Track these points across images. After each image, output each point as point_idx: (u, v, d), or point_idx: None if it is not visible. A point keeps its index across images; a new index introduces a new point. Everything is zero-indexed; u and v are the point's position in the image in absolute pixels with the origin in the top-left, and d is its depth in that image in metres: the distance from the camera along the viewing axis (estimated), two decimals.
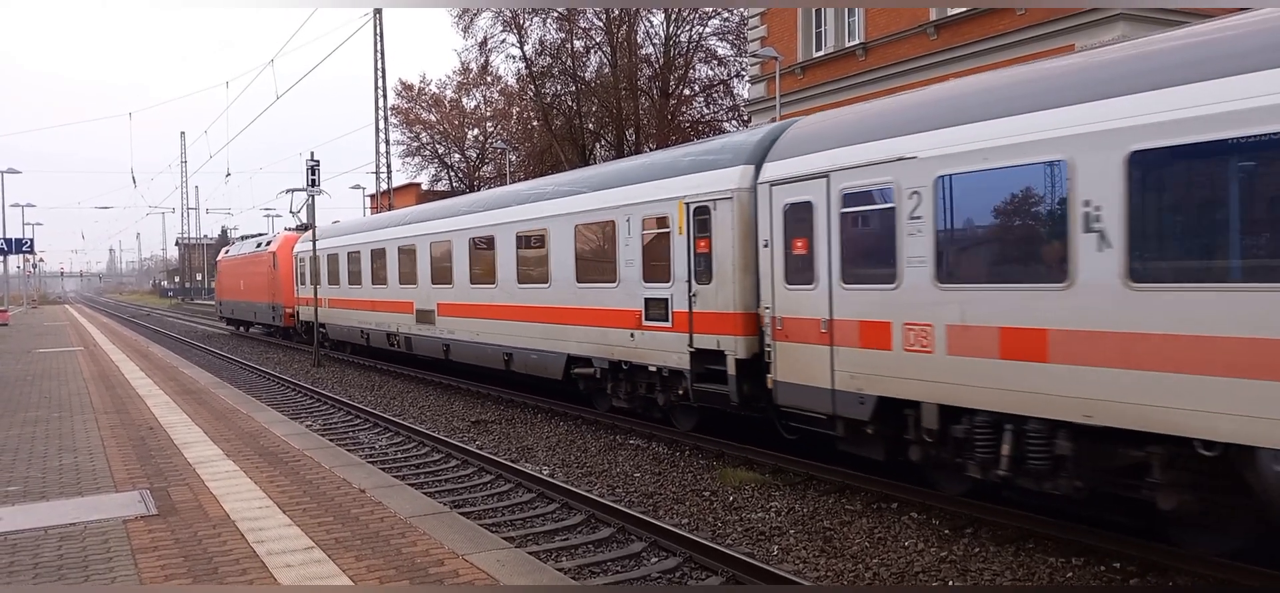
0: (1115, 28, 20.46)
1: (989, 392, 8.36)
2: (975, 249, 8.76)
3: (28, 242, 44.40)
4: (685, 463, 12.15)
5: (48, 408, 14.19)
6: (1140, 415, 7.18)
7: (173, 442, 11.02)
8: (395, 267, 23.06)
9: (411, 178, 62.73)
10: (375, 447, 14.15)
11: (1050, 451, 7.95)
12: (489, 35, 49.85)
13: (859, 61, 27.26)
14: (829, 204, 10.09)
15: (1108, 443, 7.57)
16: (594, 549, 8.81)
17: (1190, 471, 7.17)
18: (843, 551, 8.49)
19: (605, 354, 14.61)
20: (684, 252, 12.66)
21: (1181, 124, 6.83)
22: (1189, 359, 6.84)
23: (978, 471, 8.68)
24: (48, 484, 8.85)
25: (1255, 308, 6.45)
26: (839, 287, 10.03)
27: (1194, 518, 7.50)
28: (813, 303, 10.38)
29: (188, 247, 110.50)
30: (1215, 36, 7.09)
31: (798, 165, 10.62)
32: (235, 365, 27.32)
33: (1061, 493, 8.07)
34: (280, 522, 7.28)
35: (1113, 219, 7.28)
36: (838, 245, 10.02)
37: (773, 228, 10.97)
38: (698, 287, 12.45)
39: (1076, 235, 7.56)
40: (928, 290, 8.91)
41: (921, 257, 8.95)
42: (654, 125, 47.42)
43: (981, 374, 8.41)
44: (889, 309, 9.35)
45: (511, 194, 18.90)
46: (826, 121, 11.12)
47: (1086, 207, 7.47)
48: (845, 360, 9.95)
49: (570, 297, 15.49)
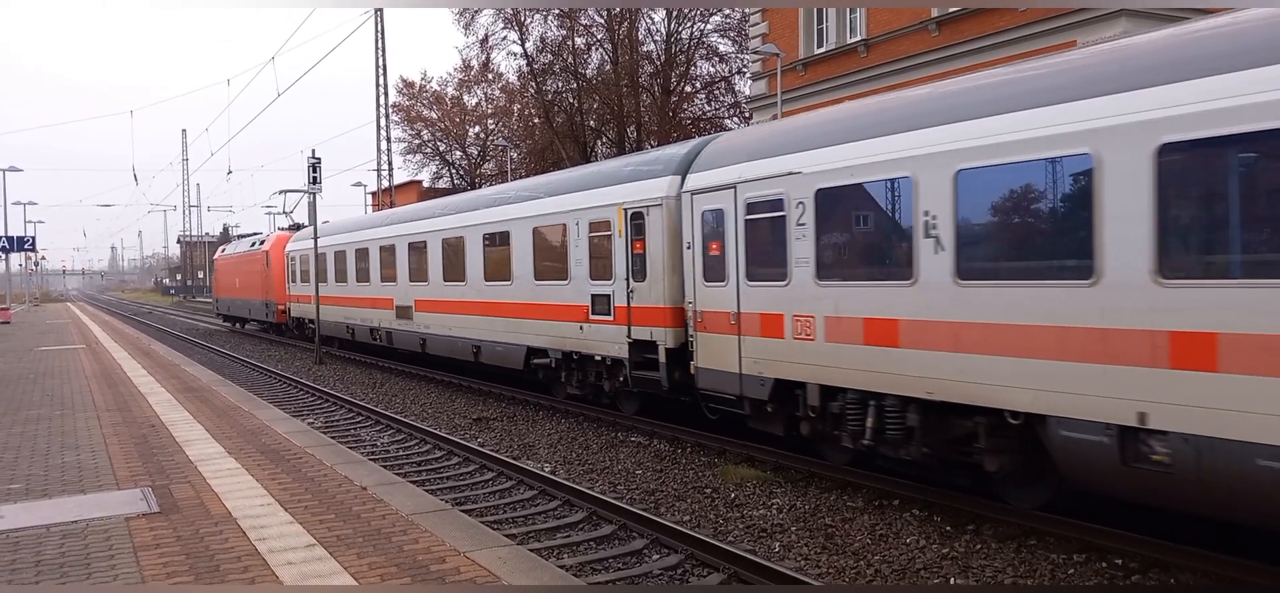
0: (1117, 23, 20.43)
1: (856, 373, 9.82)
2: (845, 251, 10.14)
3: (30, 240, 44.38)
4: (687, 460, 12.15)
5: (50, 406, 14.21)
6: (966, 391, 8.61)
7: (175, 439, 11.03)
8: (377, 266, 24.46)
9: (413, 175, 62.80)
10: (377, 444, 14.16)
11: (903, 423, 9.33)
12: (490, 32, 49.82)
13: (860, 58, 27.23)
14: (736, 211, 11.50)
15: (946, 416, 8.96)
16: (595, 547, 8.81)
17: (1005, 437, 8.50)
18: (844, 547, 8.49)
19: (559, 346, 16.04)
20: (623, 252, 14.06)
21: (989, 148, 8.25)
22: (998, 343, 8.27)
23: (850, 441, 10.09)
24: (50, 482, 8.86)
25: (1041, 301, 7.93)
26: (744, 284, 11.45)
27: (1012, 477, 8.82)
28: (724, 298, 11.79)
29: (189, 244, 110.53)
30: (1016, 76, 8.64)
31: (713, 177, 12.06)
32: (237, 363, 27.34)
33: (912, 459, 9.39)
34: (282, 519, 7.28)
35: (945, 227, 8.70)
36: (743, 247, 11.43)
37: (694, 232, 12.37)
38: (634, 284, 13.83)
39: (919, 240, 8.95)
40: (810, 287, 10.35)
41: (806, 258, 10.38)
42: (655, 122, 47.37)
43: (851, 358, 9.86)
44: (782, 303, 10.80)
45: (479, 198, 20.44)
46: (738, 138, 12.66)
47: (926, 216, 8.85)
48: (749, 348, 11.39)
49: (529, 293, 16.88)
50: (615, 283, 14.26)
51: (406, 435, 14.68)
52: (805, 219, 10.38)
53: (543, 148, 50.76)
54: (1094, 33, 20.39)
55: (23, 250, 43.80)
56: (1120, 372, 7.35)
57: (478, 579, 5.86)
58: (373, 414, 16.61)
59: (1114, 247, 7.36)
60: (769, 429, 11.44)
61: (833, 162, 10.01)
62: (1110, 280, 7.40)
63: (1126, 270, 7.28)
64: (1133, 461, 7.35)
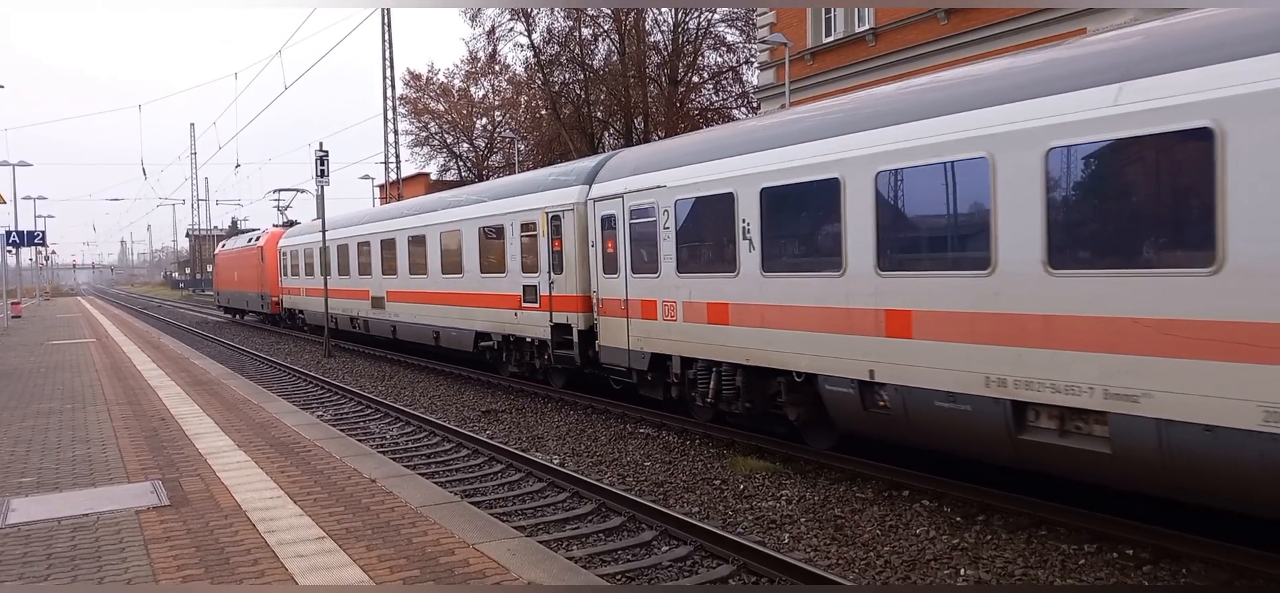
0: (1127, 12, 20.27)
1: (703, 346, 12.29)
2: (696, 250, 12.37)
3: (40, 234, 44.48)
4: (695, 452, 12.15)
5: (61, 400, 14.28)
6: (770, 358, 11.05)
7: (184, 433, 11.07)
8: (355, 261, 26.99)
9: (420, 168, 62.80)
10: (386, 437, 14.19)
11: (734, 384, 11.80)
12: (497, 24, 49.64)
13: (868, 47, 27.11)
14: (624, 216, 13.84)
15: (760, 377, 11.44)
16: (604, 538, 8.81)
17: (797, 393, 10.94)
18: (854, 539, 8.47)
19: (500, 330, 18.60)
20: (546, 250, 16.46)
21: (781, 171, 10.71)
22: (787, 320, 10.71)
23: (701, 400, 12.47)
24: (61, 475, 8.90)
25: (811, 287, 10.32)
26: (630, 276, 13.83)
27: (807, 424, 11.20)
28: (617, 287, 14.18)
29: (198, 238, 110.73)
30: (798, 117, 11.32)
31: (609, 188, 14.38)
32: (246, 356, 27.42)
33: (740, 412, 11.85)
34: (291, 512, 7.30)
35: (755, 231, 11.12)
36: (629, 246, 13.78)
37: (596, 232, 14.75)
38: (554, 276, 16.26)
39: (739, 241, 11.37)
40: (673, 278, 12.76)
41: (670, 255, 12.76)
42: (662, 113, 47.22)
43: (699, 335, 12.34)
44: (655, 291, 13.23)
45: (438, 201, 23.00)
46: (628, 155, 14.87)
47: (743, 223, 11.28)
48: (635, 328, 13.83)
49: (476, 285, 19.36)
50: (541, 275, 16.66)
51: (415, 428, 14.70)
52: (669, 224, 12.77)
53: (550, 139, 50.70)
54: (1103, 21, 20.25)
55: (33, 245, 43.90)
56: (858, 340, 9.74)
57: (487, 571, 5.86)
58: (382, 407, 16.64)
59: (854, 247, 9.69)
60: (652, 395, 13.87)
61: (686, 178, 12.44)
62: (851, 272, 9.75)
63: (861, 264, 9.63)
64: (869, 405, 9.71)
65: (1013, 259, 8.08)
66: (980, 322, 8.38)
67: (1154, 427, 7.14)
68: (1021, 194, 7.95)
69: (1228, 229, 6.62)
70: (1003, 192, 8.10)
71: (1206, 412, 6.79)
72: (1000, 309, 8.22)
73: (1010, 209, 8.05)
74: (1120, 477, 7.69)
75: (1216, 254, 6.68)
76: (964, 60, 18.55)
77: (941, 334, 8.75)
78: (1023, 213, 7.95)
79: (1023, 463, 8.47)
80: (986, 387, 8.34)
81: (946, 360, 8.71)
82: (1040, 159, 7.78)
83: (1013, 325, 8.11)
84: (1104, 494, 8.52)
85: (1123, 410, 7.34)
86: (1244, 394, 6.56)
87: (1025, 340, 8.02)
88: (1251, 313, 6.54)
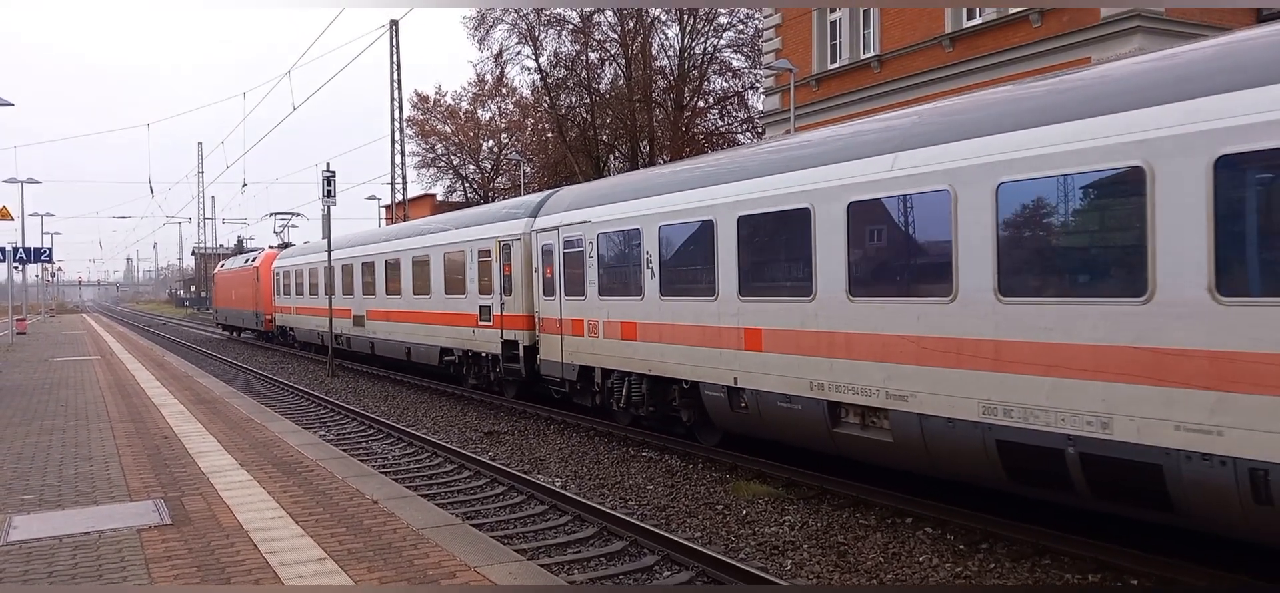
0: (1133, 40, 20.36)
1: (618, 359, 14.30)
2: (612, 276, 14.37)
3: (47, 251, 44.58)
4: (698, 476, 12.11)
5: (64, 416, 14.29)
6: (666, 369, 13.11)
7: (187, 451, 11.06)
8: (340, 282, 29.16)
9: (427, 189, 62.97)
10: (388, 457, 14.17)
11: (641, 391, 13.83)
12: (504, 47, 49.94)
13: (874, 74, 27.20)
14: (559, 247, 15.93)
15: (661, 385, 13.44)
16: (606, 563, 8.77)
17: (687, 398, 12.96)
18: (857, 565, 8.42)
19: (461, 345, 20.73)
20: (498, 274, 18.57)
21: (672, 212, 12.79)
22: (677, 337, 12.75)
23: (617, 406, 14.56)
24: (63, 493, 8.90)
25: (692, 309, 12.37)
26: (564, 298, 15.82)
27: (697, 425, 13.24)
28: (554, 308, 16.24)
29: (204, 256, 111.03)
30: (689, 166, 13.67)
31: (548, 221, 16.54)
32: (249, 375, 27.43)
33: (646, 416, 13.90)
34: (293, 532, 7.28)
35: (655, 262, 13.14)
36: (563, 273, 15.84)
37: (537, 260, 16.93)
38: (505, 298, 18.35)
39: (644, 270, 13.39)
40: (596, 301, 14.76)
41: (594, 281, 14.81)
42: (668, 137, 47.36)
43: (616, 349, 14.32)
44: (583, 312, 15.22)
45: (412, 228, 25.68)
46: (564, 193, 17.23)
47: (647, 254, 13.33)
48: (567, 344, 15.84)
49: (441, 305, 21.56)
50: (495, 297, 18.74)
51: (417, 449, 14.68)
52: (593, 254, 14.82)
53: (556, 162, 50.81)
54: (1108, 49, 20.32)
55: (40, 262, 44.01)
56: (726, 353, 11.75)
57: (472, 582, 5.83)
58: (384, 427, 16.63)
59: (723, 276, 11.71)
60: (582, 402, 15.85)
61: (606, 215, 14.48)
62: (722, 296, 11.77)
63: (728, 290, 11.63)
64: (735, 407, 11.75)
65: (827, 288, 10.12)
66: (804, 337, 10.46)
67: (917, 420, 9.06)
68: (832, 237, 10.01)
69: (959, 268, 8.56)
70: (819, 234, 10.19)
71: (948, 408, 8.73)
72: (819, 328, 10.26)
73: (825, 249, 10.12)
74: (900, 461, 9.63)
75: (952, 287, 8.62)
76: (969, 87, 18.61)
77: (781, 348, 10.83)
78: (833, 252, 10.00)
79: (838, 452, 10.48)
80: (811, 390, 10.39)
81: (785, 369, 10.79)
82: (843, 212, 9.87)
83: (826, 341, 10.17)
84: (1109, 523, 8.48)
85: (898, 408, 9.29)
86: (968, 393, 8.51)
87: (835, 352, 10.05)
88: (972, 331, 8.48)
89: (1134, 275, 7.21)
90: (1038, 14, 22.38)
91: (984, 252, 8.32)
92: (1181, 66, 7.25)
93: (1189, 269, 6.85)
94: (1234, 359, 6.60)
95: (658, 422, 13.92)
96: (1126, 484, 7.39)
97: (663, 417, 13.76)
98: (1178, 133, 6.92)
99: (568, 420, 16.43)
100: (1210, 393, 6.74)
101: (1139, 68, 7.64)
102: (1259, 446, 6.48)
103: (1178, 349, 6.93)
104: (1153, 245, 7.06)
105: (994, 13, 23.66)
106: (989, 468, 8.48)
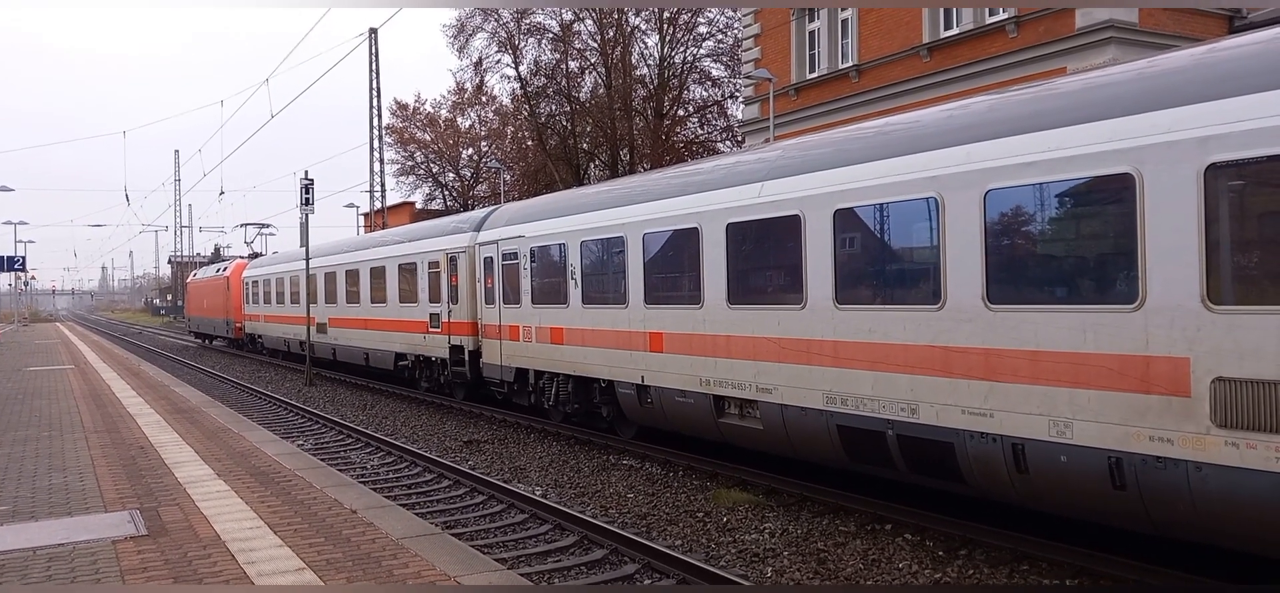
0: (1107, 50, 20.60)
1: (548, 361, 15.65)
2: (543, 286, 15.69)
3: (20, 260, 44.07)
4: (678, 484, 12.12)
5: (38, 427, 14.11)
6: (587, 370, 14.44)
7: (163, 461, 10.95)
8: (304, 291, 29.92)
9: (406, 196, 62.67)
10: (367, 467, 14.08)
11: (567, 390, 15.18)
12: (484, 56, 49.87)
13: (852, 84, 27.37)
14: (499, 259, 17.27)
15: (584, 384, 14.75)
16: (587, 571, 8.76)
17: (605, 396, 14.24)
18: (836, 572, 8.45)
19: (413, 351, 22.06)
20: (446, 284, 19.90)
21: (593, 229, 14.17)
22: (597, 340, 14.03)
23: (547, 403, 15.94)
24: (37, 504, 8.79)
25: (609, 315, 13.67)
26: (503, 306, 17.16)
27: (616, 419, 14.54)
28: (494, 315, 17.59)
29: (180, 265, 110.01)
30: (608, 187, 15.07)
31: (489, 235, 17.92)
32: (226, 383, 27.21)
33: (572, 411, 15.27)
34: (271, 543, 7.23)
35: (578, 273, 14.50)
36: (501, 282, 17.19)
37: (480, 271, 18.26)
38: (452, 306, 19.64)
39: (569, 280, 14.73)
40: (530, 308, 16.10)
41: (528, 290, 16.15)
42: (648, 145, 47.42)
43: (546, 352, 15.68)
44: (519, 318, 16.55)
45: (371, 240, 27.22)
46: (505, 209, 18.61)
47: (572, 266, 14.65)
48: (506, 348, 17.17)
49: (396, 313, 22.94)
50: (443, 305, 20.01)
51: (397, 458, 14.60)
52: (527, 266, 16.18)
53: (536, 170, 50.76)
54: (1083, 59, 20.55)
55: (13, 270, 43.49)
56: (635, 355, 13.09)
57: None
58: (363, 436, 16.54)
59: (632, 287, 13.08)
60: (520, 402, 17.12)
61: (538, 230, 15.88)
62: (631, 305, 13.11)
63: (636, 299, 13.02)
64: (644, 403, 13.01)
65: (712, 297, 11.54)
66: (695, 340, 11.88)
67: (779, 410, 10.47)
68: (716, 253, 11.43)
69: (808, 279, 10.01)
70: (706, 251, 11.58)
71: (801, 398, 10.17)
72: (706, 331, 11.68)
73: (710, 263, 11.53)
74: (769, 445, 11.02)
75: (803, 295, 10.12)
76: (947, 97, 18.76)
77: (678, 349, 12.24)
78: (717, 266, 11.43)
79: (723, 439, 11.85)
80: (700, 386, 11.77)
81: (680, 368, 12.17)
82: (723, 231, 11.30)
83: (712, 342, 11.61)
84: (1088, 529, 8.55)
85: (765, 399, 10.72)
86: (814, 386, 9.96)
87: (718, 353, 11.48)
88: (818, 332, 9.92)
89: (932, 283, 8.72)
90: (1014, 24, 22.62)
91: (825, 265, 9.82)
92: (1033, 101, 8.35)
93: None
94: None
95: (582, 418, 15.23)
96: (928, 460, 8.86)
97: (587, 413, 15.02)
98: (958, 171, 8.45)
99: (548, 429, 16.40)
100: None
101: (985, 105, 8.84)
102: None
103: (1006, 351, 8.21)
104: (945, 263, 8.52)
105: (971, 22, 23.88)
106: (833, 449, 9.95)
